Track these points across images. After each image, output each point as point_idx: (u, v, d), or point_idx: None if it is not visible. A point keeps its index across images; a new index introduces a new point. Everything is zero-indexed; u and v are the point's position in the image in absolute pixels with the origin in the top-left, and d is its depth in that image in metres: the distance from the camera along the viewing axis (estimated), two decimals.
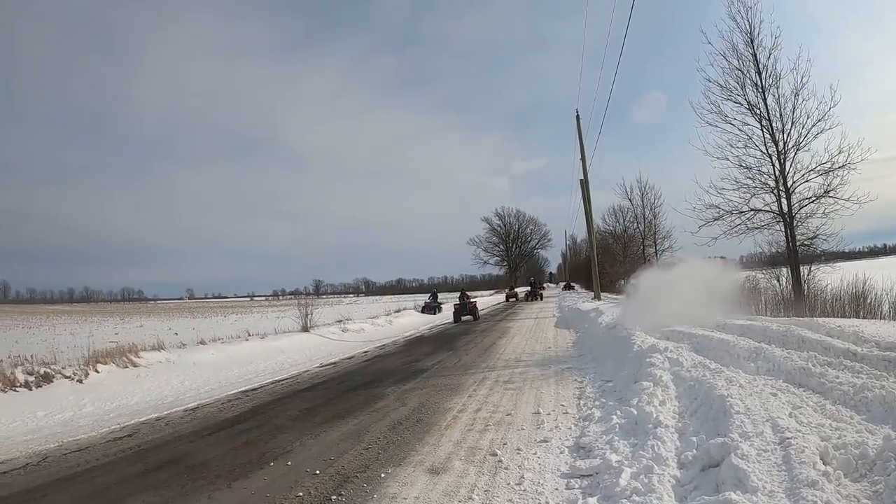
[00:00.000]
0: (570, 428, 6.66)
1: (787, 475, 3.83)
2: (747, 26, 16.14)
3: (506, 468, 5.39)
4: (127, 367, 11.95)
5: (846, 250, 16.16)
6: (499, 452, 5.84)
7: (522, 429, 6.77)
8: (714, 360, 8.29)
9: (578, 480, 4.93)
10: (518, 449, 5.96)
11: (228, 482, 5.42)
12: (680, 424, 5.70)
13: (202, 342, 15.99)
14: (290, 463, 5.93)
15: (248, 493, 5.13)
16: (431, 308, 35.14)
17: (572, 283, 68.59)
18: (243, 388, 10.83)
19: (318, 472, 5.57)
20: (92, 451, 6.82)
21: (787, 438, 4.34)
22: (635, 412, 6.27)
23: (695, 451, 4.81)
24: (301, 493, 5.00)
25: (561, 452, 5.77)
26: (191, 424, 8.05)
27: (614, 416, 6.39)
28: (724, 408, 5.37)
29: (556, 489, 4.80)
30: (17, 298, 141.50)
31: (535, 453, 5.78)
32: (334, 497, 4.87)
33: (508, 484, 4.97)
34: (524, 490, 4.79)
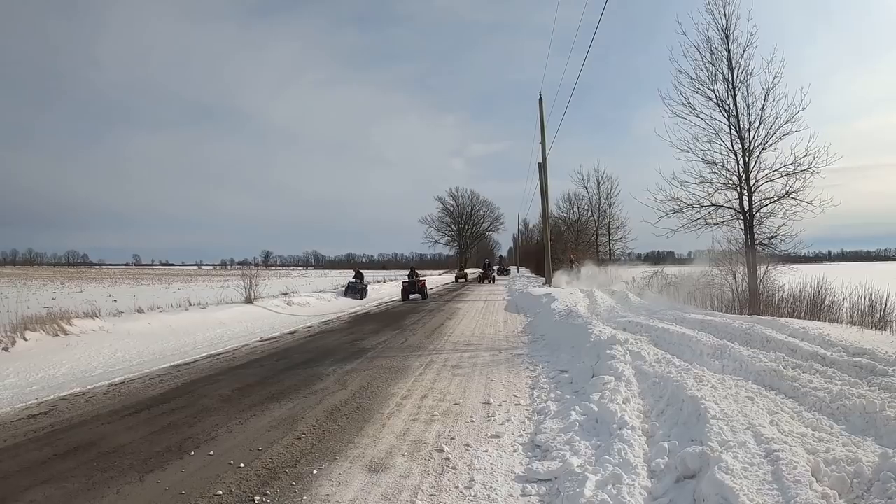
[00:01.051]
0: (524, 422, 6.13)
1: (782, 496, 3.35)
2: (724, 21, 15.92)
3: (454, 468, 4.80)
4: (57, 335, 11.12)
5: (806, 253, 16.05)
6: (446, 448, 5.25)
7: (472, 421, 6.21)
8: (676, 355, 7.92)
9: (535, 486, 4.37)
10: (467, 445, 5.39)
11: (141, 475, 4.71)
12: (647, 426, 5.22)
13: (140, 310, 15.09)
14: (212, 453, 5.24)
15: (161, 488, 4.42)
16: (355, 290, 28.05)
17: (507, 267, 66.46)
18: (176, 363, 10.08)
19: (242, 464, 4.90)
20: (0, 431, 6.04)
21: (774, 451, 3.86)
22: (596, 409, 5.77)
23: (667, 458, 4.30)
24: (220, 492, 4.32)
25: (514, 451, 5.21)
26: (113, 402, 7.29)
27: (573, 412, 5.86)
28: (697, 411, 4.90)
29: (511, 496, 4.22)
30: None
31: (486, 451, 5.20)
32: (257, 498, 4.18)
33: (457, 487, 4.37)
34: (474, 495, 4.19)
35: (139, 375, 8.96)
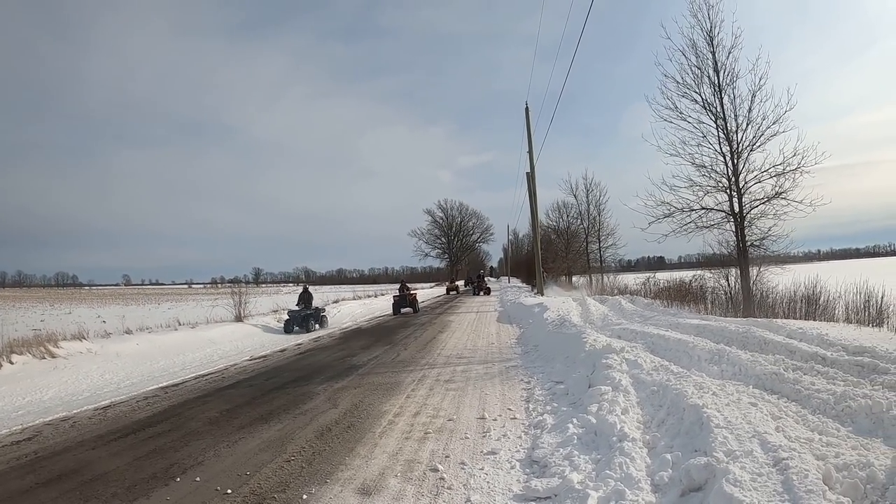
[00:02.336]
0: (521, 437, 5.94)
1: None
2: (708, 24, 15.84)
3: (449, 488, 4.61)
4: (45, 357, 10.91)
5: (797, 253, 15.99)
6: (441, 467, 5.06)
7: (466, 437, 6.01)
8: (674, 361, 7.78)
9: None
10: (462, 463, 5.19)
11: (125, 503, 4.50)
12: (648, 437, 5.04)
13: (128, 331, 14.83)
14: (199, 478, 5.03)
15: None
16: (300, 322, 19.79)
17: (485, 285, 61.90)
18: (164, 384, 9.86)
19: (229, 490, 4.70)
20: None
21: (783, 459, 3.70)
22: (594, 421, 5.59)
23: (670, 470, 4.13)
24: None
25: (512, 468, 5.02)
26: (98, 427, 7.08)
27: (570, 425, 5.68)
28: (699, 419, 4.73)
29: None
30: None
31: (482, 469, 5.01)
32: None
33: None
34: None
35: (126, 398, 8.74)
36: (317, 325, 20.68)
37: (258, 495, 4.59)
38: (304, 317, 19.97)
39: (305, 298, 21.10)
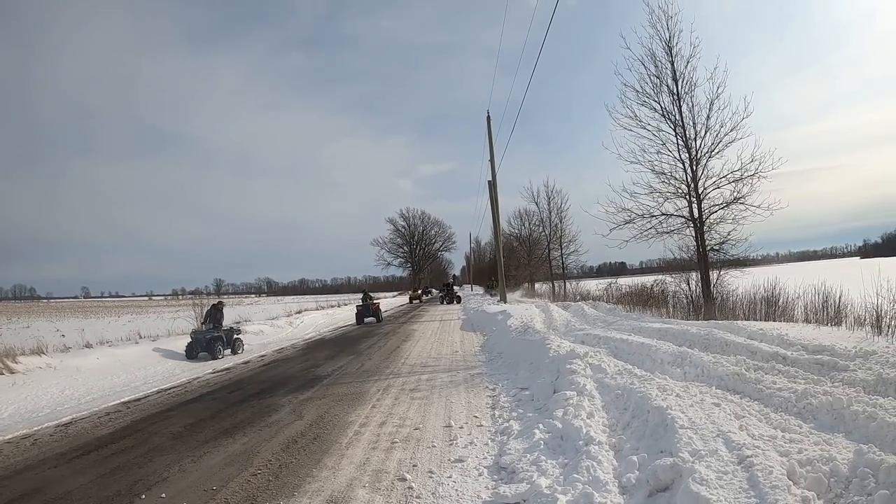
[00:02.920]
0: (487, 444, 5.89)
1: (760, 503, 3.16)
2: (667, 34, 16.18)
3: (417, 497, 4.55)
4: (2, 373, 10.68)
5: (756, 256, 16.28)
6: (408, 477, 5.00)
7: (433, 446, 5.95)
8: (637, 365, 7.84)
9: None
10: (430, 472, 5.13)
11: None
12: (614, 440, 5.05)
13: (88, 345, 14.57)
14: (164, 495, 4.89)
15: None
16: (205, 345, 15.62)
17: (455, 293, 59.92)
18: (126, 399, 9.61)
19: None
20: None
21: (747, 457, 3.72)
22: (560, 426, 5.57)
23: (637, 472, 4.13)
24: None
25: (480, 475, 4.97)
26: (60, 444, 6.88)
27: (537, 431, 5.65)
28: (664, 421, 4.74)
29: None
30: None
31: (450, 476, 4.96)
32: None
33: None
34: None
35: (88, 414, 8.50)
36: (227, 351, 16.29)
37: None
38: (211, 340, 15.66)
39: (214, 316, 16.64)
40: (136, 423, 7.82)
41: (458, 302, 46.98)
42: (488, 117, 30.09)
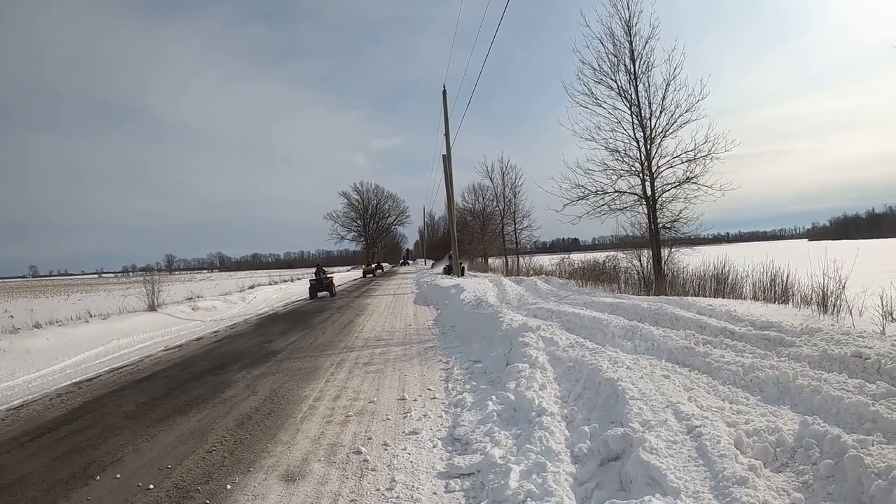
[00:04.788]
0: (441, 416, 5.91)
1: (709, 471, 3.26)
2: (627, 14, 16.13)
3: (373, 469, 4.54)
4: None
5: (707, 235, 16.58)
6: (363, 450, 4.98)
7: (388, 419, 5.95)
8: (589, 338, 7.92)
9: (459, 481, 4.15)
10: (385, 444, 5.13)
11: None
12: (566, 411, 5.08)
13: (38, 325, 14.11)
14: (119, 475, 4.77)
15: None
16: None
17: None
18: (77, 380, 9.32)
19: (151, 486, 4.47)
20: None
21: (696, 427, 3.79)
22: (513, 398, 5.60)
23: (589, 442, 4.17)
24: None
25: (434, 447, 4.98)
26: (12, 428, 6.62)
27: (490, 403, 5.68)
28: (615, 392, 4.80)
29: (435, 493, 3.99)
30: None
31: (404, 449, 4.96)
32: None
33: (378, 490, 4.10)
34: (397, 497, 3.94)
35: (39, 396, 8.21)
36: None
37: (181, 489, 4.38)
38: None
39: None
40: (88, 403, 7.60)
41: (462, 275, 33.04)
42: (444, 91, 29.83)
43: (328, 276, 29.00)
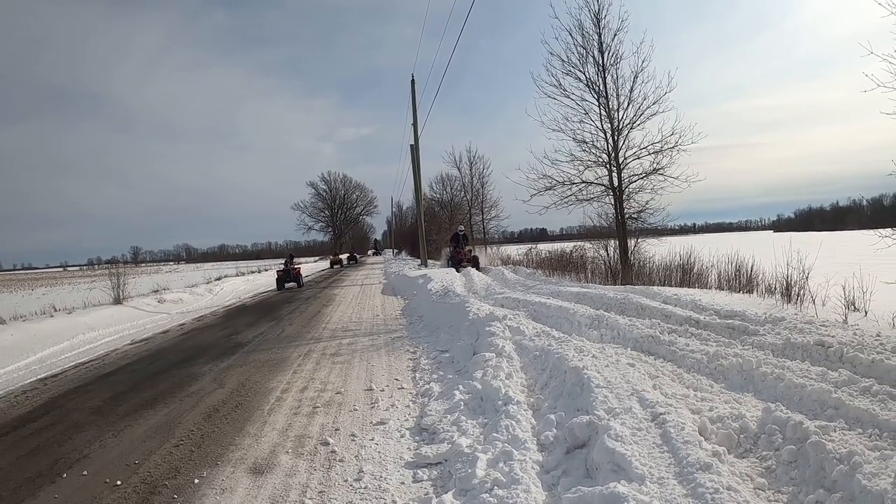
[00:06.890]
0: (409, 406, 5.89)
1: (673, 457, 3.28)
2: (596, 6, 16.21)
3: (341, 460, 4.51)
4: None
5: (673, 226, 16.74)
6: (331, 441, 4.94)
7: (355, 409, 5.91)
8: (555, 327, 7.97)
9: (427, 471, 4.14)
10: (353, 435, 5.09)
11: None
12: (532, 400, 5.10)
13: (1, 321, 13.59)
14: (86, 472, 4.67)
15: None
16: None
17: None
18: (42, 376, 9.10)
19: (119, 482, 4.38)
20: None
21: (661, 414, 3.81)
22: (480, 387, 5.59)
23: (555, 430, 4.17)
24: None
25: (402, 437, 4.96)
26: None
27: (457, 392, 5.66)
28: (581, 381, 4.81)
29: (403, 483, 3.97)
30: None
31: (372, 439, 4.93)
32: None
33: (346, 481, 4.07)
34: (365, 487, 3.91)
35: (3, 394, 7.98)
36: None
37: (149, 483, 4.29)
38: None
39: None
40: (53, 399, 7.42)
41: (477, 265, 26.01)
42: (412, 80, 29.69)
43: (296, 266, 28.76)
